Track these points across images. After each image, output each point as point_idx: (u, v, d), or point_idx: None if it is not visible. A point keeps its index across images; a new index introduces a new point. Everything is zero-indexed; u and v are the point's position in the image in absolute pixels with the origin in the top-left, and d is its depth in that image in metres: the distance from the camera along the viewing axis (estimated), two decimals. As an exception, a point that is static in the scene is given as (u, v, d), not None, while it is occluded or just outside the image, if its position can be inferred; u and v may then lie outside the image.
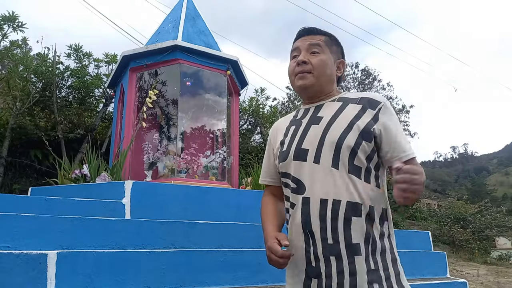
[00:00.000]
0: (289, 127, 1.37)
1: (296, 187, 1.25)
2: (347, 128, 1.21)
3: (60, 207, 2.63)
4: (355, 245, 1.14)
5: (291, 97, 19.77)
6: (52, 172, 5.10)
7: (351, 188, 1.17)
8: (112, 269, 2.17)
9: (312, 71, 1.31)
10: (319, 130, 1.25)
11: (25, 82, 5.53)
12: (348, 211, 1.15)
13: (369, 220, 1.17)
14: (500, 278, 8.34)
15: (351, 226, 1.15)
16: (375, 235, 1.18)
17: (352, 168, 1.18)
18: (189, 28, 4.45)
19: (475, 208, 15.56)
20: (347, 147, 1.18)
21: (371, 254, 1.16)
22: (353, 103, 1.28)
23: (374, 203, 1.19)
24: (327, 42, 1.36)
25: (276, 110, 9.26)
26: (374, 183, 1.22)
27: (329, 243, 1.16)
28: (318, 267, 1.18)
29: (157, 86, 4.29)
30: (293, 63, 1.35)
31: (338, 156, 1.19)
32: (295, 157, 1.26)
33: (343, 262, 1.14)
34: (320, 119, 1.28)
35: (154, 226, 2.57)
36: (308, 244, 1.20)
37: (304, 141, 1.26)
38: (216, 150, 4.62)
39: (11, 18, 5.00)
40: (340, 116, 1.25)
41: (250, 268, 2.60)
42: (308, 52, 1.33)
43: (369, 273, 1.14)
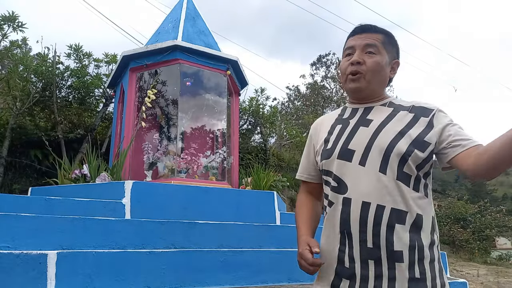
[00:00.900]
0: (334, 125, 1.32)
1: (337, 186, 1.21)
2: (398, 135, 1.17)
3: (60, 207, 2.63)
4: (397, 252, 1.11)
5: (291, 97, 19.79)
6: (52, 172, 5.10)
7: (398, 195, 1.13)
8: (112, 269, 2.17)
9: (365, 73, 1.26)
10: (368, 133, 1.21)
11: (25, 82, 5.52)
12: (392, 218, 1.12)
13: (415, 228, 1.13)
14: (500, 278, 8.34)
15: (393, 233, 1.11)
16: (423, 244, 1.14)
17: (400, 175, 1.15)
18: (189, 28, 4.45)
19: (475, 208, 15.55)
20: (397, 153, 1.15)
21: (418, 262, 1.12)
22: (404, 110, 1.24)
23: (423, 212, 1.15)
24: (384, 41, 1.29)
25: (276, 110, 9.26)
26: (423, 192, 1.18)
27: (369, 246, 1.13)
28: (352, 269, 1.15)
29: (156, 86, 4.29)
30: (347, 62, 1.29)
31: (386, 162, 1.15)
32: (339, 156, 1.22)
33: (383, 267, 1.11)
34: (370, 122, 1.24)
35: (154, 226, 2.57)
36: (343, 245, 1.18)
37: (352, 141, 1.22)
38: (216, 150, 4.62)
39: (11, 18, 4.99)
40: (391, 122, 1.21)
41: (250, 268, 2.60)
42: (363, 52, 1.27)
43: (412, 281, 1.10)
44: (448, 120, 1.20)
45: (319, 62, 21.22)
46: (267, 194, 3.59)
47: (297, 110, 18.02)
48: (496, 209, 15.45)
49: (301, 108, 18.24)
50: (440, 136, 1.17)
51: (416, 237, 1.13)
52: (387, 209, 1.12)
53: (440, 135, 1.17)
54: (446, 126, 1.18)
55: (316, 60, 21.42)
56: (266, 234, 3.00)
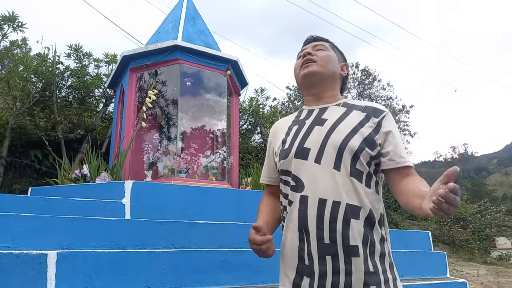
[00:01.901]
0: (291, 126, 1.39)
1: (295, 185, 1.25)
2: (351, 133, 1.23)
3: (60, 207, 2.63)
4: (353, 246, 1.15)
5: (291, 97, 19.76)
6: (52, 172, 5.10)
7: (352, 190, 1.18)
8: (112, 269, 2.17)
9: (316, 61, 1.36)
10: (323, 131, 1.26)
11: (25, 82, 5.53)
12: (347, 213, 1.16)
13: (368, 223, 1.18)
14: (500, 278, 8.34)
15: (349, 228, 1.15)
16: (375, 239, 1.18)
17: (353, 171, 1.19)
18: (189, 28, 4.45)
19: (475, 208, 15.55)
20: (350, 150, 1.20)
21: (370, 256, 1.16)
22: (357, 110, 1.31)
23: (373, 207, 1.20)
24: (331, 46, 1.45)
25: (276, 110, 9.26)
26: (374, 189, 1.23)
27: (326, 242, 1.16)
28: (311, 266, 1.18)
29: (157, 86, 4.29)
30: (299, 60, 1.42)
31: (340, 159, 1.20)
32: (296, 155, 1.27)
33: (340, 262, 1.15)
34: (324, 121, 1.30)
35: (154, 226, 2.57)
36: (302, 242, 1.21)
37: (307, 140, 1.27)
38: (216, 150, 4.62)
39: (11, 18, 5.00)
40: (345, 121, 1.27)
41: (250, 268, 2.60)
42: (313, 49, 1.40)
43: (367, 274, 1.14)
44: (394, 127, 1.28)
45: (319, 62, 21.21)
46: (267, 194, 3.59)
47: (297, 110, 18.00)
48: (496, 209, 15.44)
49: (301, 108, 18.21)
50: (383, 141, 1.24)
51: (369, 232, 1.18)
52: (343, 205, 1.16)
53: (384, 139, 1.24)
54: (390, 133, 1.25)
55: (316, 60, 21.41)
56: (266, 234, 3.00)
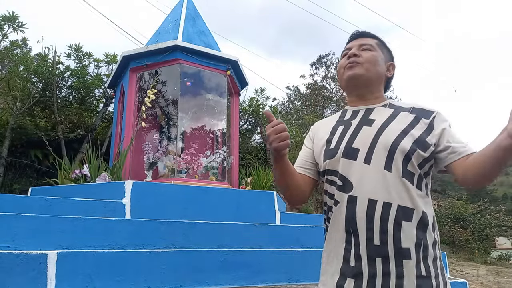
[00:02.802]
0: (336, 126, 1.34)
1: (343, 185, 1.21)
2: (401, 134, 1.19)
3: (60, 207, 2.63)
4: (405, 249, 1.11)
5: (291, 97, 19.77)
6: (52, 172, 5.10)
7: (403, 192, 1.14)
8: (112, 269, 2.17)
9: (362, 63, 1.31)
10: (372, 132, 1.22)
11: (25, 82, 5.53)
12: (399, 215, 1.12)
13: (421, 226, 1.14)
14: (500, 278, 8.34)
15: (401, 230, 1.12)
16: (428, 242, 1.15)
17: (405, 173, 1.16)
18: (189, 28, 4.46)
19: (474, 208, 15.56)
20: (401, 151, 1.16)
21: (423, 260, 1.13)
22: (405, 111, 1.27)
23: (426, 210, 1.17)
24: (378, 44, 1.38)
25: (276, 110, 9.26)
26: (425, 191, 1.20)
27: (376, 244, 1.12)
28: (359, 267, 1.14)
29: (156, 86, 4.30)
30: (344, 59, 1.36)
31: (391, 159, 1.16)
32: (344, 155, 1.23)
33: (390, 265, 1.11)
34: (372, 122, 1.26)
35: (154, 226, 2.58)
36: (349, 243, 1.17)
37: (355, 140, 1.23)
38: (216, 150, 4.62)
39: (11, 18, 5.00)
40: (394, 122, 1.23)
41: (250, 268, 2.60)
42: (359, 48, 1.34)
43: (419, 278, 1.11)
44: (447, 124, 1.23)
45: (319, 62, 21.20)
46: (267, 194, 3.59)
47: (297, 110, 18.01)
48: (496, 209, 15.45)
49: (301, 108, 18.22)
50: (439, 139, 1.20)
51: (422, 235, 1.14)
52: (394, 206, 1.13)
53: (439, 138, 1.20)
54: (445, 130, 1.21)
55: (316, 60, 21.39)
56: (266, 234, 3.00)
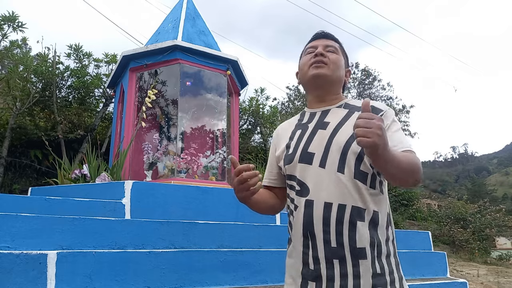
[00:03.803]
0: (295, 130, 1.39)
1: (300, 190, 1.25)
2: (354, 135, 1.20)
3: (60, 207, 2.63)
4: (361, 249, 1.15)
5: (291, 97, 19.77)
6: (52, 172, 5.10)
7: (356, 193, 1.18)
8: (112, 269, 2.17)
9: (329, 64, 1.34)
10: (326, 135, 1.26)
11: (25, 82, 5.53)
12: (353, 215, 1.16)
13: (373, 224, 1.18)
14: (500, 278, 8.34)
15: (355, 230, 1.15)
16: (381, 240, 1.18)
17: (357, 173, 1.19)
18: (189, 28, 4.46)
19: (475, 208, 15.56)
20: (353, 152, 1.20)
21: (377, 258, 1.16)
22: (358, 111, 1.30)
23: (378, 208, 1.20)
24: (340, 49, 1.42)
25: (276, 110, 9.26)
26: (379, 189, 1.23)
27: (333, 246, 1.16)
28: (317, 270, 1.18)
29: (156, 86, 4.29)
30: (309, 56, 1.38)
31: (344, 161, 1.20)
32: (300, 159, 1.27)
33: (347, 265, 1.14)
34: (327, 125, 1.30)
35: (154, 226, 2.57)
36: (307, 247, 1.21)
37: (311, 144, 1.27)
38: (216, 150, 4.62)
39: (11, 18, 5.00)
40: (347, 123, 1.27)
41: (250, 268, 2.60)
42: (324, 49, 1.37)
43: (374, 276, 1.14)
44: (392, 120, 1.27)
45: (319, 62, 21.21)
46: (267, 194, 3.59)
47: (297, 110, 18.01)
48: (496, 209, 15.45)
49: (301, 108, 18.23)
50: None
51: (374, 233, 1.18)
52: (348, 207, 1.16)
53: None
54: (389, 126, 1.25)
55: (316, 60, 21.41)
56: (266, 234, 3.00)
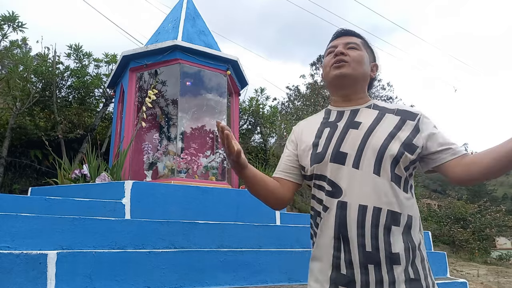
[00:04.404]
0: (321, 128, 1.32)
1: (332, 190, 1.20)
2: (389, 137, 1.19)
3: (60, 207, 2.63)
4: (395, 254, 1.11)
5: (291, 97, 19.78)
6: (52, 172, 5.10)
7: (393, 196, 1.14)
8: (112, 269, 2.17)
9: (350, 62, 1.29)
10: (359, 135, 1.21)
11: (25, 82, 5.52)
12: (388, 220, 1.12)
13: (408, 229, 1.15)
14: (500, 278, 8.34)
15: (390, 234, 1.12)
16: (415, 244, 1.16)
17: (394, 177, 1.16)
18: (189, 28, 4.45)
19: (475, 208, 15.57)
20: (390, 155, 1.16)
21: (411, 263, 1.13)
22: (390, 113, 1.26)
23: (412, 212, 1.18)
24: (364, 44, 1.37)
25: (276, 110, 9.25)
26: (410, 193, 1.21)
27: (368, 250, 1.11)
28: (351, 275, 1.13)
29: (157, 86, 4.29)
30: (330, 56, 1.33)
31: (380, 163, 1.16)
32: (332, 159, 1.21)
33: (382, 271, 1.11)
34: (359, 124, 1.24)
35: (154, 226, 2.57)
36: (339, 251, 1.16)
37: (343, 144, 1.22)
38: (216, 150, 4.62)
39: (11, 18, 5.00)
40: (380, 124, 1.23)
41: (250, 268, 2.60)
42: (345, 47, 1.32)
43: (408, 282, 1.11)
44: (433, 126, 1.25)
45: (319, 62, 21.21)
46: (267, 194, 3.58)
47: (297, 110, 18.01)
48: (496, 209, 15.45)
49: (301, 108, 18.22)
50: (427, 141, 1.21)
51: (409, 238, 1.15)
52: (384, 211, 1.12)
53: (427, 140, 1.21)
54: (433, 132, 1.22)
55: (316, 60, 21.41)
56: (266, 234, 3.00)
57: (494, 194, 33.54)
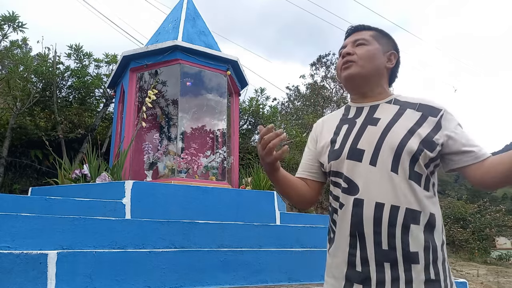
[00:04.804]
0: (340, 125, 1.30)
1: (348, 187, 1.18)
2: (408, 134, 1.15)
3: (60, 207, 2.63)
4: (413, 253, 1.09)
5: (291, 97, 19.78)
6: (53, 172, 5.11)
7: (411, 195, 1.12)
8: (112, 269, 2.17)
9: (356, 61, 1.26)
10: (377, 132, 1.19)
11: (25, 82, 5.53)
12: (407, 218, 1.10)
13: (429, 228, 1.12)
14: (500, 278, 8.35)
15: (409, 233, 1.09)
16: (437, 244, 1.13)
17: (412, 174, 1.13)
18: (189, 29, 4.46)
19: (474, 208, 15.57)
20: (408, 152, 1.13)
21: (432, 263, 1.10)
22: (411, 108, 1.22)
23: (434, 211, 1.15)
24: (375, 35, 1.31)
25: (276, 110, 9.26)
26: (432, 191, 1.17)
27: (384, 248, 1.09)
28: (366, 272, 1.11)
29: (157, 86, 4.30)
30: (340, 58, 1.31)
31: (398, 161, 1.13)
32: (349, 156, 1.19)
33: (399, 270, 1.08)
34: (378, 121, 1.22)
35: (154, 226, 2.58)
36: (354, 248, 1.14)
37: (360, 141, 1.20)
38: (216, 150, 4.62)
39: (11, 18, 5.00)
40: (400, 121, 1.19)
41: (250, 268, 2.60)
42: (353, 45, 1.29)
43: (428, 282, 1.08)
44: (457, 124, 1.19)
45: (319, 62, 21.21)
46: (267, 194, 3.60)
47: (297, 110, 18.02)
48: (495, 209, 15.45)
49: (301, 108, 18.23)
50: (448, 139, 1.16)
51: (430, 238, 1.11)
52: (402, 209, 1.10)
53: (449, 138, 1.16)
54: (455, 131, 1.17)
55: (316, 61, 21.41)
56: (266, 234, 3.00)
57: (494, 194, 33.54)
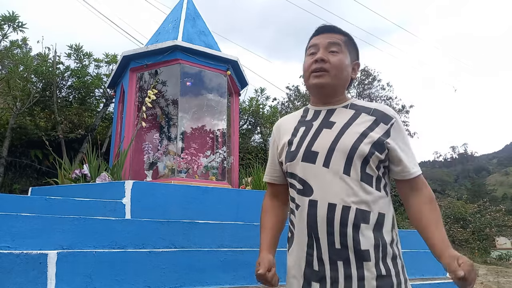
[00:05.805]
0: (298, 127, 1.34)
1: (303, 189, 1.23)
2: (361, 137, 1.20)
3: (61, 207, 2.63)
4: (364, 251, 1.14)
5: (291, 97, 19.78)
6: (52, 172, 5.11)
7: (362, 195, 1.17)
8: (112, 269, 2.17)
9: (329, 70, 1.27)
10: (332, 135, 1.23)
11: (25, 82, 5.53)
12: (357, 218, 1.15)
13: (378, 227, 1.17)
14: (500, 278, 8.35)
15: (359, 232, 1.14)
16: (386, 242, 1.17)
17: (364, 176, 1.18)
18: (189, 29, 4.46)
19: (474, 208, 15.59)
20: (360, 155, 1.18)
21: (382, 260, 1.15)
22: (365, 113, 1.27)
23: (384, 211, 1.19)
24: (346, 42, 1.33)
25: (276, 110, 9.26)
26: (384, 191, 1.23)
27: (337, 247, 1.15)
28: (322, 271, 1.17)
29: (157, 86, 4.30)
30: (310, 60, 1.31)
31: (350, 163, 1.18)
32: (303, 158, 1.24)
33: (351, 268, 1.14)
34: (333, 124, 1.26)
35: (154, 226, 2.58)
36: (311, 248, 1.19)
37: (315, 143, 1.24)
38: (216, 150, 4.62)
39: (11, 18, 5.00)
40: (354, 124, 1.24)
41: (250, 268, 2.60)
42: (327, 50, 1.29)
43: (379, 278, 1.13)
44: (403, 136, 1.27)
45: (319, 62, 21.22)
46: (267, 194, 3.59)
47: (297, 110, 18.02)
48: (495, 209, 15.47)
49: (301, 108, 18.23)
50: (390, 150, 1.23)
51: (379, 236, 1.17)
52: (352, 210, 1.15)
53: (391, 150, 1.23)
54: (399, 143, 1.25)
55: (316, 60, 21.42)
56: (266, 234, 3.00)
57: (494, 194, 33.54)
